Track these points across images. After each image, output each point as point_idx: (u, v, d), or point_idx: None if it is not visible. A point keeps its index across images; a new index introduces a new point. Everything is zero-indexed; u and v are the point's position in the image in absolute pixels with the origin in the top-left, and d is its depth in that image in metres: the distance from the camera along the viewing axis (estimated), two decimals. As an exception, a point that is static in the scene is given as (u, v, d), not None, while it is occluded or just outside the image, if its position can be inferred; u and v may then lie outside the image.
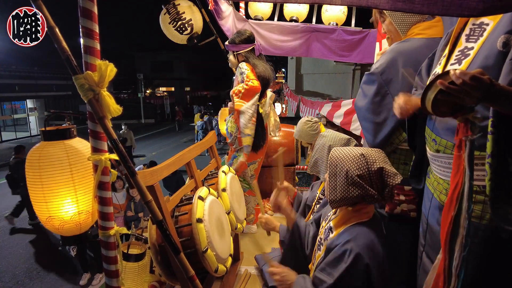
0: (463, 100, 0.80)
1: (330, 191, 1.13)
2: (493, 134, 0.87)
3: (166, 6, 2.28)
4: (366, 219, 1.13)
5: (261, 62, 2.28)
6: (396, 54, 1.45)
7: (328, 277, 1.09)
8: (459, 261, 0.86)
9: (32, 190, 1.01)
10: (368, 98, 1.51)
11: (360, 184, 1.07)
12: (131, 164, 0.96)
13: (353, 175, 1.07)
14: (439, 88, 0.81)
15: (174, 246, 1.06)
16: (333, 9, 3.25)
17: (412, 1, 0.76)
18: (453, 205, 0.89)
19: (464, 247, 0.86)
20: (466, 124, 0.84)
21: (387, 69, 1.44)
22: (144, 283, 1.51)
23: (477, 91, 0.76)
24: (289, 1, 0.93)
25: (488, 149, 0.89)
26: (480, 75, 0.74)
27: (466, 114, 0.83)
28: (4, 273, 4.29)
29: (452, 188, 0.90)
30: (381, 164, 1.09)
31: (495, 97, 0.78)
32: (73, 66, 0.86)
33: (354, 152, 1.12)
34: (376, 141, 1.54)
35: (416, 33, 1.50)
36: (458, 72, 0.75)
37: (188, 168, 1.58)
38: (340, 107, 3.34)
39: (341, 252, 1.07)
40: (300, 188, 3.25)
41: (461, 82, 0.75)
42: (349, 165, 1.09)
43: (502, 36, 0.96)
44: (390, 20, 1.55)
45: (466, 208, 0.85)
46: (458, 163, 0.88)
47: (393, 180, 1.08)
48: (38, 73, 17.61)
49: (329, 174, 1.14)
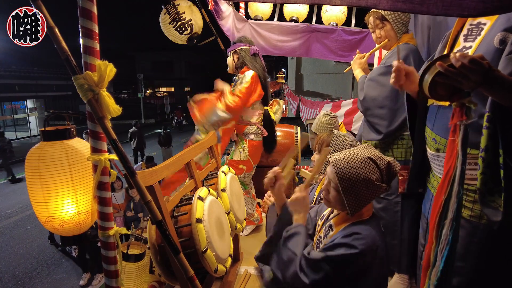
0: (461, 83, 0.80)
1: (349, 205, 1.08)
2: (488, 128, 0.88)
3: (166, 6, 2.27)
4: (367, 217, 1.13)
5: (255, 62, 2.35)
6: (408, 51, 1.72)
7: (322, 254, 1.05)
8: (444, 244, 0.87)
9: (32, 190, 1.01)
10: (387, 86, 1.71)
11: (378, 186, 1.06)
12: (130, 164, 0.96)
13: (373, 181, 1.05)
14: (437, 70, 0.81)
15: (174, 246, 1.06)
16: (333, 9, 3.25)
17: (412, 1, 0.76)
18: (444, 189, 0.89)
19: (450, 230, 0.86)
20: (462, 109, 0.85)
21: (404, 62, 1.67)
22: (144, 283, 1.51)
23: (475, 74, 0.76)
24: (289, 1, 0.93)
25: (482, 143, 0.90)
26: (480, 59, 0.74)
27: (463, 98, 0.84)
28: (4, 273, 4.29)
29: (444, 173, 0.90)
30: (386, 159, 1.09)
31: (493, 83, 0.78)
32: (72, 66, 0.86)
33: (361, 159, 1.09)
34: (392, 127, 1.74)
35: (408, 40, 1.79)
36: (458, 54, 0.75)
37: (188, 168, 1.58)
38: (340, 107, 3.35)
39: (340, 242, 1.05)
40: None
41: (460, 64, 0.75)
42: (365, 174, 1.06)
43: (499, 33, 0.97)
44: (392, 26, 1.76)
45: (456, 192, 0.85)
46: (452, 147, 0.88)
47: (397, 168, 1.09)
48: (38, 73, 17.63)
49: (343, 189, 1.07)
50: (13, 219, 5.92)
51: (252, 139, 2.39)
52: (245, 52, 2.34)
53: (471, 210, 1.06)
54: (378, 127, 1.79)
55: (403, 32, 1.79)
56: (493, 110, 0.88)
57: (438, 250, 0.89)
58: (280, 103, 2.60)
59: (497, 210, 0.94)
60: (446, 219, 0.88)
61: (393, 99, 1.72)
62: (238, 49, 2.35)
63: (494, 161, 0.90)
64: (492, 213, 0.96)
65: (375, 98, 1.78)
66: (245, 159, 2.37)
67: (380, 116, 1.77)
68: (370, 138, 1.85)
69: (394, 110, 1.73)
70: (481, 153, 0.91)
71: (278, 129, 2.88)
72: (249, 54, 2.35)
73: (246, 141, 2.39)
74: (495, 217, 0.95)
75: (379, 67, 1.83)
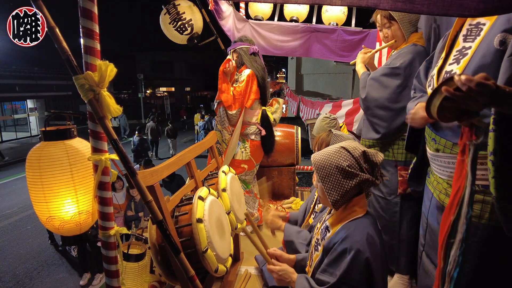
0: (469, 105, 0.79)
1: (328, 194, 1.13)
2: (495, 131, 0.86)
3: (166, 7, 2.27)
4: (361, 215, 1.15)
5: (253, 61, 2.39)
6: (414, 55, 1.70)
7: (331, 277, 1.09)
8: (453, 265, 0.86)
9: (33, 190, 1.01)
10: (390, 88, 1.72)
11: (352, 173, 1.10)
12: (131, 164, 0.96)
13: (344, 167, 1.10)
14: (444, 95, 0.80)
15: (174, 246, 1.06)
16: (333, 9, 3.25)
17: (412, 1, 0.76)
18: (453, 209, 0.88)
19: (459, 251, 0.85)
20: (471, 129, 0.84)
21: (409, 65, 1.69)
22: (144, 283, 1.51)
23: (483, 96, 0.74)
24: (289, 1, 0.93)
25: (490, 146, 0.88)
26: (485, 80, 0.73)
27: (471, 118, 0.83)
28: (5, 273, 4.29)
29: (453, 193, 0.89)
30: (361, 148, 1.14)
31: (501, 101, 0.77)
32: (73, 66, 0.86)
33: (334, 149, 1.16)
34: (392, 127, 1.74)
35: (416, 41, 1.74)
36: (463, 78, 0.74)
37: (188, 168, 1.58)
38: (341, 107, 3.35)
39: (340, 250, 1.08)
40: (300, 188, 3.25)
41: (467, 88, 0.74)
42: (336, 160, 1.12)
43: (499, 34, 0.97)
44: (399, 26, 1.72)
45: (465, 213, 0.84)
46: (461, 167, 0.87)
47: (378, 158, 1.13)
48: (38, 73, 17.61)
49: (321, 178, 1.14)
50: (14, 219, 5.92)
51: (253, 139, 2.41)
52: (244, 51, 2.37)
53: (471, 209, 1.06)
54: (377, 127, 1.79)
55: (411, 31, 1.74)
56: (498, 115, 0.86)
57: (447, 272, 0.88)
58: (279, 102, 2.59)
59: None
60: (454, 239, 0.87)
61: (395, 101, 1.71)
62: (237, 48, 2.38)
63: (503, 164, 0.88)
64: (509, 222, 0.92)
65: (376, 99, 1.77)
66: (246, 158, 2.39)
67: (380, 117, 1.77)
68: (369, 137, 1.85)
69: (395, 112, 1.72)
70: (490, 157, 0.88)
71: (278, 129, 2.88)
72: (248, 53, 2.37)
73: (248, 141, 2.40)
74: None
75: (383, 68, 1.80)
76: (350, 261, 1.05)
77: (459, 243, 0.85)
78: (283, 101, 2.61)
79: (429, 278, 1.23)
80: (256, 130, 2.40)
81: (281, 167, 2.92)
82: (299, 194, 3.08)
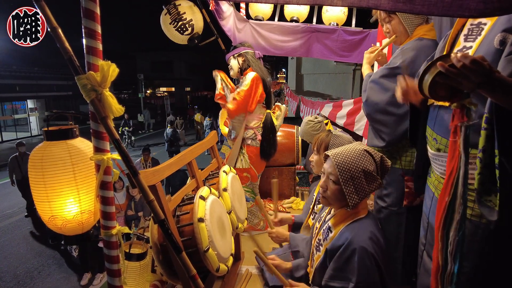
0: (461, 84, 0.79)
1: (349, 197, 1.11)
2: (486, 130, 0.88)
3: (167, 7, 2.28)
4: (363, 215, 1.15)
5: (259, 64, 2.41)
6: (418, 51, 1.52)
7: (345, 282, 1.09)
8: (453, 246, 0.87)
9: (35, 190, 1.02)
10: (390, 91, 1.51)
11: (374, 177, 1.11)
12: (133, 164, 0.96)
13: (371, 171, 1.10)
14: (438, 70, 0.80)
15: (176, 246, 1.06)
16: (334, 9, 3.25)
17: (412, 1, 0.76)
18: (447, 190, 0.90)
19: (458, 232, 0.86)
20: (462, 110, 0.85)
21: (411, 64, 1.51)
22: (146, 283, 1.51)
23: (476, 75, 0.75)
24: (290, 2, 0.93)
25: (480, 144, 0.90)
26: (481, 60, 0.74)
27: (463, 99, 0.84)
28: (5, 273, 4.29)
29: (447, 174, 0.91)
30: (379, 154, 1.16)
31: (493, 84, 0.78)
32: (75, 67, 0.87)
33: (358, 151, 1.15)
34: (397, 134, 1.57)
35: (423, 34, 1.56)
36: (459, 55, 0.75)
37: (190, 168, 1.58)
38: (341, 108, 3.33)
39: (348, 253, 1.08)
40: (300, 188, 3.25)
41: (462, 65, 0.75)
42: (363, 164, 1.11)
43: (499, 34, 0.97)
44: (400, 20, 1.59)
45: (461, 193, 0.86)
46: (454, 148, 0.89)
47: (389, 163, 1.16)
48: (38, 73, 17.62)
49: (342, 180, 1.11)
50: (14, 218, 5.93)
51: (249, 144, 2.35)
52: (251, 55, 2.38)
53: (472, 209, 1.06)
54: (381, 134, 1.64)
55: (417, 24, 1.57)
56: (491, 111, 0.88)
57: (448, 252, 0.89)
58: (282, 108, 2.56)
59: (493, 210, 0.95)
60: (451, 220, 0.88)
61: (397, 106, 1.54)
62: (243, 52, 2.37)
63: (491, 161, 0.91)
64: (489, 212, 0.96)
65: (377, 103, 1.61)
66: (247, 166, 2.33)
67: (383, 123, 1.61)
68: (374, 144, 1.68)
69: (399, 117, 1.56)
70: (479, 154, 0.91)
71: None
72: (255, 57, 2.40)
73: (244, 147, 2.36)
74: (491, 216, 0.95)
75: (382, 68, 1.65)
76: (358, 261, 1.05)
77: (457, 223, 0.87)
78: (285, 108, 2.58)
79: (429, 277, 1.23)
80: (252, 135, 2.35)
81: (282, 167, 2.92)
82: (299, 194, 3.09)
